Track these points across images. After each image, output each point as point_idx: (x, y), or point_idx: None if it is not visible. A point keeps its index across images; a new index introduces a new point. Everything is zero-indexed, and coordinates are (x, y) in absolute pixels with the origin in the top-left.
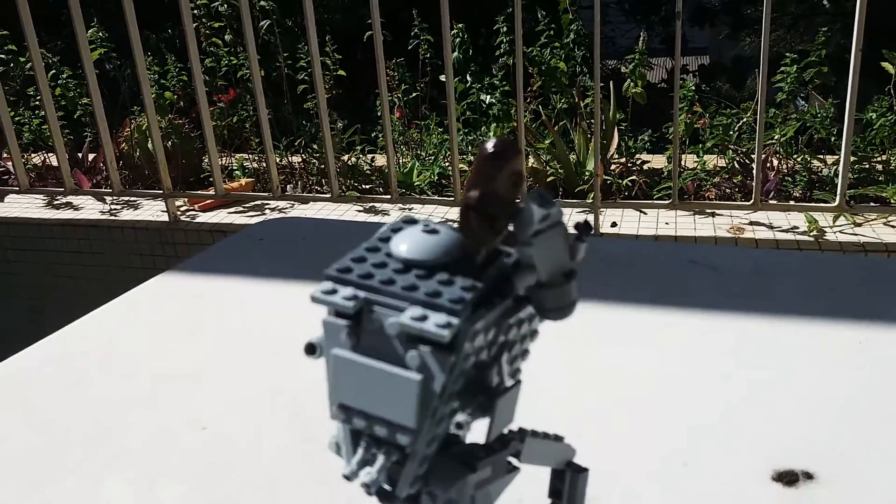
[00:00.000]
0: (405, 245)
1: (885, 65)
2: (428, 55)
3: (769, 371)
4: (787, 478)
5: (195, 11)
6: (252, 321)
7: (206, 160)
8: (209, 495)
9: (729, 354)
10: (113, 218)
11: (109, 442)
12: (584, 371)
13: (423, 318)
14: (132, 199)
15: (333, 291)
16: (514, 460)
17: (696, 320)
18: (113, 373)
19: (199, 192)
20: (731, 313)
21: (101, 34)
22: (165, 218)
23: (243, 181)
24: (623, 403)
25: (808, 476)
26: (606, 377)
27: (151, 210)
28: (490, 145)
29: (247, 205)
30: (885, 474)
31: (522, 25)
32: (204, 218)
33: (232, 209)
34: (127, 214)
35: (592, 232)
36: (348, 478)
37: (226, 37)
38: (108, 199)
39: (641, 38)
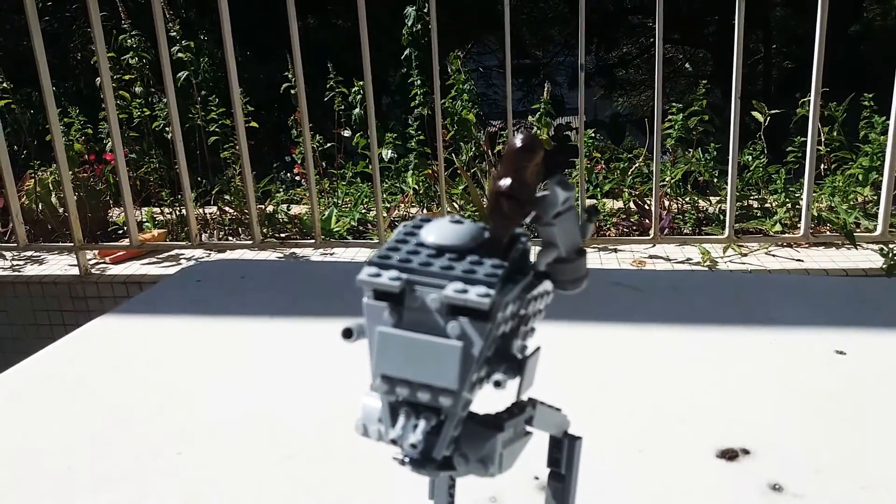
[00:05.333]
0: (435, 234)
1: (756, 114)
2: (342, 107)
3: (705, 366)
4: (728, 455)
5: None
6: (208, 355)
7: (112, 214)
8: None
9: (669, 357)
10: (16, 274)
11: (85, 472)
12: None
13: (465, 291)
14: (36, 254)
15: (378, 275)
16: (527, 427)
17: (627, 332)
18: (75, 408)
19: (112, 243)
20: (656, 324)
21: (4, 84)
22: (75, 272)
23: (155, 232)
24: (587, 401)
25: (746, 452)
26: (571, 379)
27: (58, 265)
28: (519, 140)
29: (160, 255)
30: (806, 446)
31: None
32: (116, 270)
33: (145, 261)
34: (31, 270)
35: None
36: (396, 441)
37: (136, 88)
38: (9, 254)
39: (546, 89)
